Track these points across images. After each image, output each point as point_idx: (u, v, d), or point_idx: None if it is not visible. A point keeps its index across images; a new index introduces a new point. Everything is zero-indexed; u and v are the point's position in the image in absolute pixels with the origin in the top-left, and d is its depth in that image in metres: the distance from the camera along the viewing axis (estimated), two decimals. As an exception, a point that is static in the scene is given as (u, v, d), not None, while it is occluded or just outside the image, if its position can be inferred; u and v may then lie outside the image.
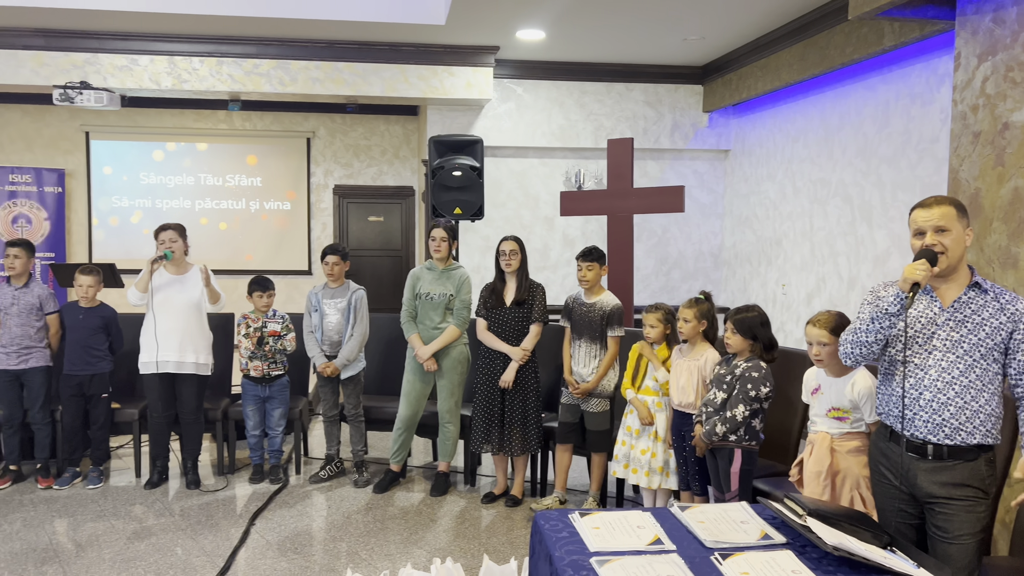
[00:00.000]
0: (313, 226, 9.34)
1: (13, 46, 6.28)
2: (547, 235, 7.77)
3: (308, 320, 5.11)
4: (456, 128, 7.40)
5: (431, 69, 6.82)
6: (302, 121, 9.35)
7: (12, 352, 4.86)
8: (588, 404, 4.45)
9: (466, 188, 6.69)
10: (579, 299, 4.55)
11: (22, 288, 4.93)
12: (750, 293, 7.43)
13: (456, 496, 4.89)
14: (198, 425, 5.00)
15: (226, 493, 4.89)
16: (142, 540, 4.14)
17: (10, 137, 9.08)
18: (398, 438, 4.94)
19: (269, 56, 6.62)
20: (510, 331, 4.64)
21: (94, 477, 5.00)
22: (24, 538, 4.14)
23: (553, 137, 7.59)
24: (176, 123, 9.21)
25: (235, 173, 9.28)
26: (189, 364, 4.84)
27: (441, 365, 4.82)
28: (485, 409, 4.68)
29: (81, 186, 9.16)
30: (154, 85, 6.52)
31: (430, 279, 4.86)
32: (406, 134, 9.46)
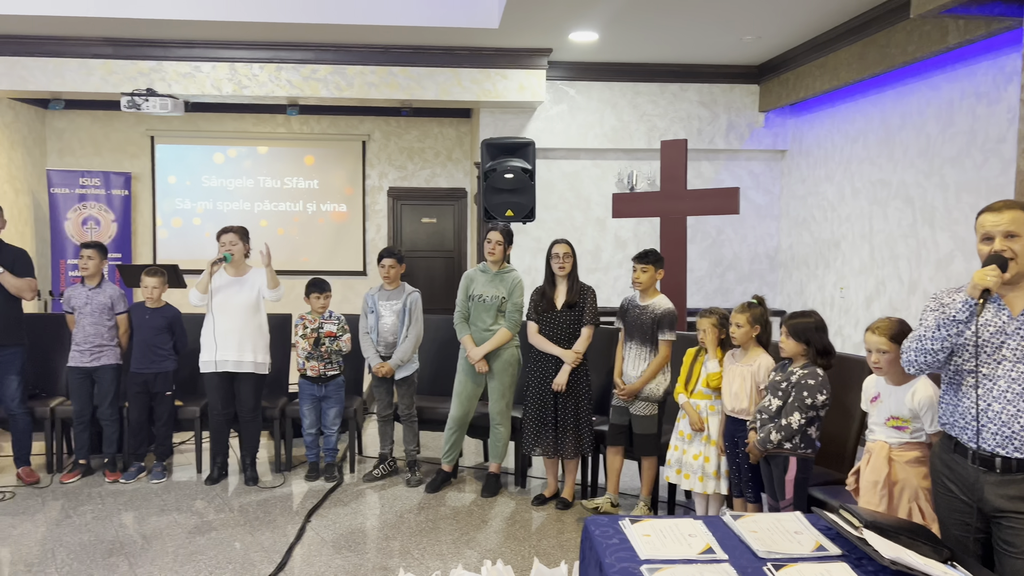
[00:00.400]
0: (368, 228, 9.48)
1: (84, 55, 6.53)
2: (599, 237, 7.75)
3: (364, 321, 5.20)
4: (508, 131, 7.44)
5: (484, 72, 6.87)
6: (358, 124, 9.50)
7: (85, 350, 5.06)
8: (635, 407, 4.43)
9: (518, 190, 6.72)
10: (633, 301, 4.54)
11: (95, 288, 5.12)
12: (807, 296, 7.30)
13: (507, 497, 4.92)
14: (256, 423, 5.13)
15: (283, 490, 5.01)
16: (203, 534, 4.26)
17: (81, 142, 9.43)
18: (449, 438, 4.99)
19: (326, 62, 6.75)
20: (561, 334, 4.64)
21: (158, 472, 5.17)
22: (93, 530, 4.31)
23: (605, 138, 7.57)
24: (236, 127, 9.44)
25: (293, 176, 9.47)
26: (247, 363, 4.97)
27: (492, 367, 4.86)
28: (537, 412, 4.69)
29: (146, 189, 9.46)
30: (216, 91, 6.70)
31: (483, 281, 4.91)
32: (459, 136, 9.54)
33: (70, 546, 4.09)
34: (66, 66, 6.52)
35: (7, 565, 3.86)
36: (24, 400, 5.10)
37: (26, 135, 8.96)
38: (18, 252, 5.10)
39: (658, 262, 4.48)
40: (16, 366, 5.04)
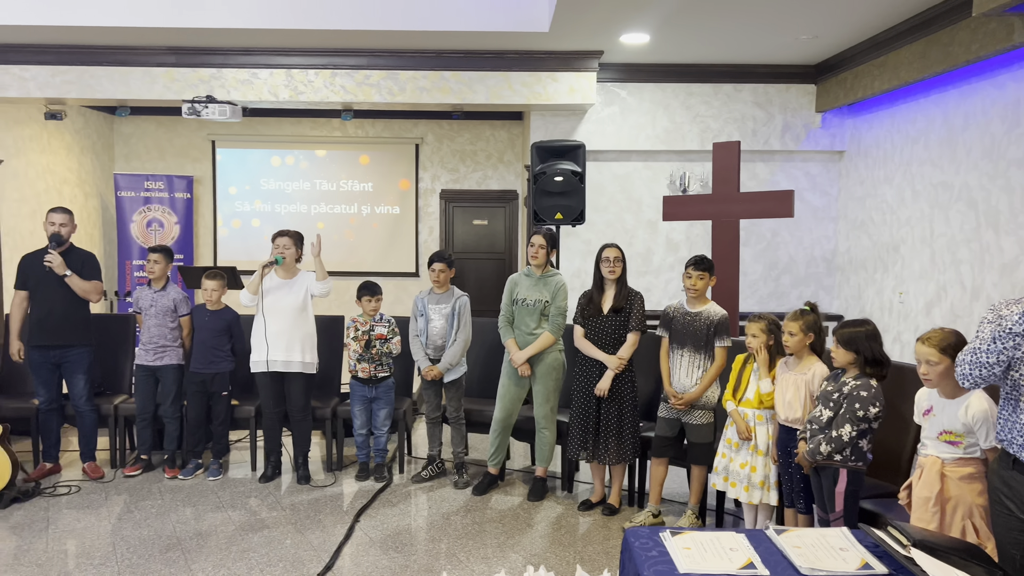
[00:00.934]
0: (420, 230, 9.58)
1: (147, 63, 6.75)
2: (650, 239, 7.68)
3: (414, 324, 5.27)
4: (559, 133, 7.43)
5: (534, 75, 6.87)
6: (411, 127, 9.60)
7: (150, 349, 5.24)
8: (691, 416, 4.39)
9: (567, 193, 6.71)
10: (682, 308, 4.49)
11: (160, 291, 5.30)
12: (864, 301, 7.12)
13: (553, 502, 4.93)
14: (306, 422, 5.24)
15: (334, 489, 5.10)
16: (255, 532, 4.38)
17: (146, 147, 9.75)
18: (494, 440, 5.02)
19: (379, 67, 6.84)
20: (607, 339, 4.63)
21: (214, 469, 5.32)
22: (152, 525, 4.46)
23: (657, 140, 7.50)
24: (294, 131, 9.64)
25: (348, 179, 9.63)
26: (296, 363, 5.08)
27: (535, 371, 4.87)
28: (581, 417, 4.69)
29: (208, 192, 9.73)
30: (273, 97, 6.85)
31: (527, 285, 4.92)
32: (511, 139, 9.56)
33: (130, 540, 4.24)
34: (131, 74, 6.75)
35: (72, 558, 4.02)
36: (90, 398, 5.30)
37: (95, 141, 9.31)
38: (86, 255, 5.31)
39: (711, 268, 4.43)
40: (83, 365, 5.24)
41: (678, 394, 4.38)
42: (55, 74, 6.70)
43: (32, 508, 4.71)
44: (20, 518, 4.55)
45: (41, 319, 5.14)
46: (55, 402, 5.28)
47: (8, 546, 4.16)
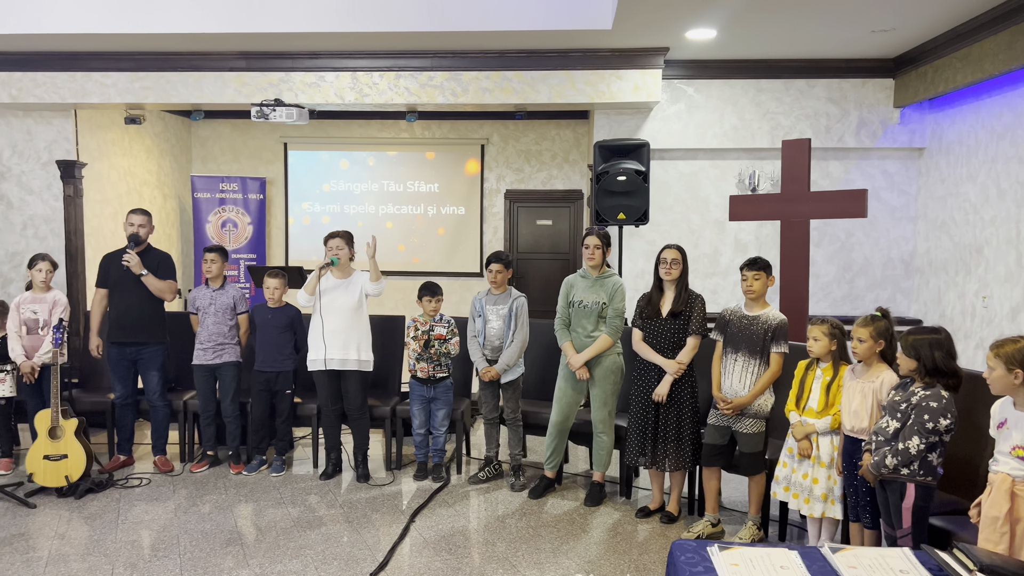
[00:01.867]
0: (485, 230, 9.59)
1: (220, 68, 6.94)
2: (717, 240, 7.49)
3: (472, 325, 5.26)
4: (624, 132, 7.32)
5: (598, 74, 6.78)
6: (477, 128, 9.62)
7: (208, 348, 5.38)
8: (741, 424, 4.25)
9: (631, 193, 6.61)
10: (739, 312, 4.35)
11: (218, 290, 5.44)
12: (945, 305, 6.77)
13: (610, 508, 4.85)
14: (364, 420, 5.29)
15: (392, 488, 5.14)
16: (312, 529, 4.44)
17: (221, 149, 10.05)
18: (550, 444, 4.97)
19: (442, 68, 6.86)
20: (666, 343, 4.52)
21: (277, 465, 5.42)
22: (214, 520, 4.57)
23: (725, 138, 7.31)
24: (363, 133, 9.79)
25: (414, 179, 9.72)
26: (352, 361, 5.14)
27: (593, 374, 4.79)
28: (639, 422, 4.59)
29: (279, 193, 9.97)
30: (339, 100, 6.95)
31: (583, 287, 4.85)
32: (576, 138, 9.48)
33: (193, 533, 4.36)
34: (204, 79, 6.95)
35: (138, 549, 4.16)
36: (163, 393, 5.48)
37: (174, 144, 9.65)
38: (162, 256, 5.49)
39: (768, 268, 4.28)
40: (157, 362, 5.42)
41: (727, 399, 4.25)
42: (134, 80, 6.96)
43: (105, 499, 4.89)
44: (94, 508, 4.74)
45: (119, 316, 5.34)
46: (130, 397, 5.48)
47: (81, 535, 4.33)
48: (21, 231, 7.60)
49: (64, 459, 4.91)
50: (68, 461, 4.91)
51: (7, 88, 6.98)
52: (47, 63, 6.92)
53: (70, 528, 4.43)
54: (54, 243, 7.57)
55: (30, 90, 6.98)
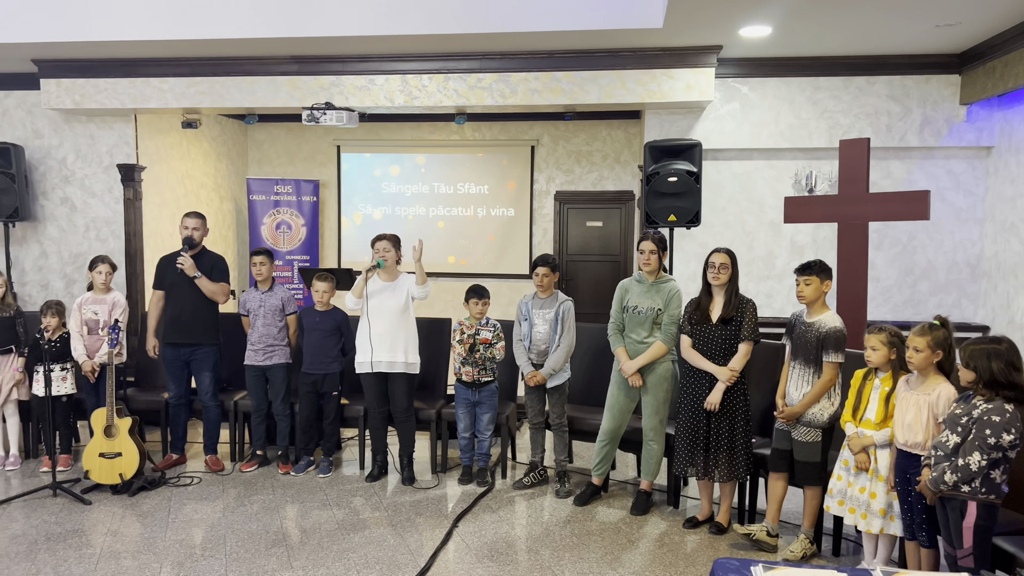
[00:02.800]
0: (535, 231, 9.54)
1: (272, 72, 7.04)
2: (772, 242, 7.29)
3: (518, 329, 5.21)
4: (676, 132, 7.18)
5: (649, 73, 6.67)
6: (527, 129, 9.58)
7: (259, 349, 5.44)
8: (796, 432, 4.11)
9: (682, 194, 6.48)
10: (801, 317, 4.21)
11: (267, 292, 5.50)
12: (1014, 310, 6.46)
13: (658, 517, 4.74)
14: (410, 423, 5.28)
15: (436, 492, 5.12)
16: (356, 532, 4.44)
17: (276, 152, 10.21)
18: (600, 451, 4.88)
19: (491, 70, 6.83)
20: (716, 349, 4.39)
21: (324, 466, 5.46)
22: (261, 520, 4.62)
23: (781, 137, 7.11)
24: (414, 135, 9.83)
25: (465, 181, 9.72)
26: (399, 364, 5.14)
27: (646, 381, 4.69)
28: (689, 431, 4.47)
29: (332, 195, 10.08)
30: (388, 103, 6.98)
31: (638, 292, 4.75)
32: (627, 138, 9.36)
33: (240, 534, 4.41)
34: (257, 83, 7.06)
35: (186, 548, 4.22)
36: (215, 394, 5.57)
37: (231, 147, 9.84)
38: (216, 258, 5.58)
39: (823, 272, 4.12)
40: (210, 363, 5.51)
41: (783, 407, 4.12)
42: (190, 85, 7.10)
43: (157, 497, 4.99)
44: (146, 506, 4.83)
45: (173, 318, 5.44)
46: (183, 397, 5.58)
47: (133, 533, 4.42)
48: (84, 233, 7.83)
49: (118, 457, 5.02)
50: (122, 459, 5.02)
51: (71, 94, 7.20)
52: (108, 69, 7.12)
53: (122, 525, 4.52)
54: (114, 245, 7.78)
55: (92, 96, 7.19)
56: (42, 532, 4.41)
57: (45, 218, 7.82)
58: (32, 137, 7.76)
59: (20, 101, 7.76)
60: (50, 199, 7.80)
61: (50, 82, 7.20)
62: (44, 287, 7.87)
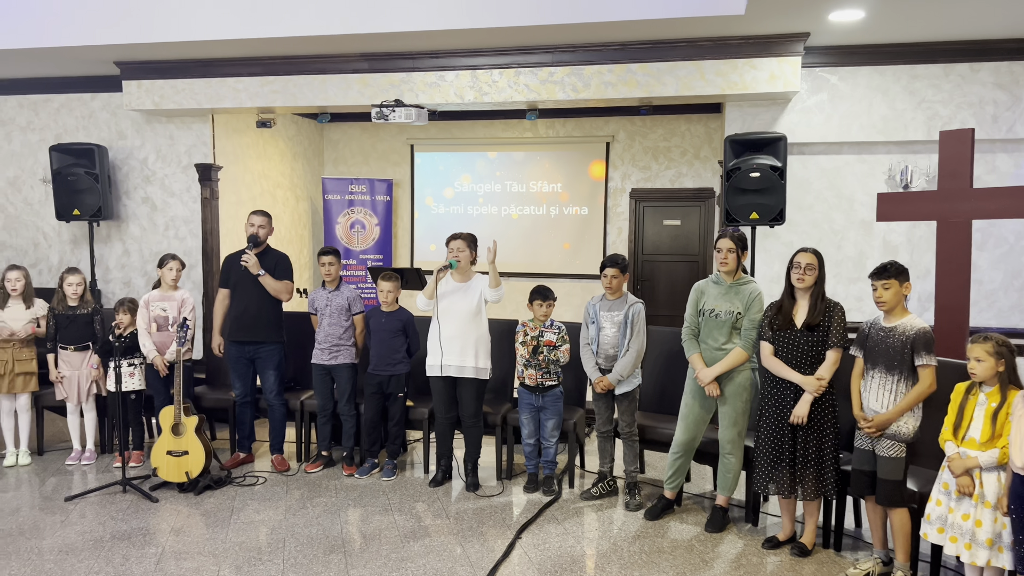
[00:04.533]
0: (609, 230, 9.26)
1: (343, 71, 6.99)
2: (863, 242, 6.83)
3: (585, 332, 4.99)
4: (758, 125, 6.80)
5: (730, 63, 6.32)
6: (602, 125, 9.32)
7: (325, 348, 5.38)
8: (879, 446, 3.76)
9: (765, 191, 6.12)
10: (877, 323, 3.86)
11: (334, 291, 5.44)
12: None
13: (734, 535, 4.43)
14: (477, 428, 5.12)
15: (500, 499, 4.94)
16: (417, 540, 4.30)
17: (351, 151, 10.25)
18: (673, 463, 4.61)
19: (563, 63, 6.62)
20: (801, 357, 4.06)
21: (388, 469, 5.35)
22: (321, 524, 4.53)
23: (874, 130, 6.65)
24: (487, 133, 9.70)
25: (538, 179, 9.53)
26: (469, 368, 4.97)
27: (724, 390, 4.39)
28: (772, 445, 4.15)
29: (405, 195, 10.05)
30: (458, 99, 6.85)
31: (716, 294, 4.45)
32: (708, 133, 8.99)
33: (299, 538, 4.32)
34: (329, 82, 7.03)
35: (245, 551, 4.16)
36: (280, 393, 5.54)
37: (306, 147, 9.91)
38: (280, 256, 5.55)
39: (901, 275, 3.77)
40: (274, 361, 5.49)
41: (867, 418, 3.78)
42: (263, 84, 7.13)
43: (221, 496, 4.97)
44: (210, 505, 4.82)
45: (238, 316, 5.44)
46: (249, 395, 5.57)
47: (195, 533, 4.39)
48: (163, 232, 7.98)
49: (185, 455, 5.02)
50: (189, 457, 5.02)
51: (151, 95, 7.34)
52: (186, 70, 7.21)
53: (186, 524, 4.51)
54: (192, 243, 7.90)
55: (171, 96, 7.30)
56: (109, 529, 4.43)
57: (127, 217, 8.00)
58: (116, 138, 7.95)
59: (105, 103, 7.97)
60: (132, 198, 7.98)
61: (131, 84, 7.35)
62: (126, 284, 8.06)
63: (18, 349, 5.49)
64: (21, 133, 8.12)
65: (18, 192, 8.17)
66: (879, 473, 3.77)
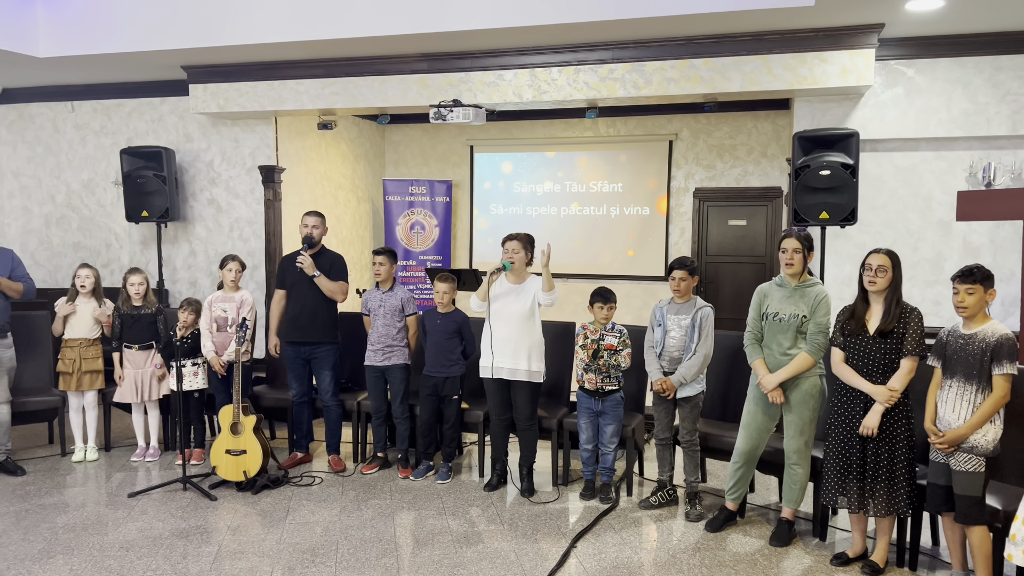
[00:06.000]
0: (671, 231, 9.06)
1: (402, 71, 6.99)
2: (942, 243, 6.49)
3: (650, 335, 4.84)
4: (829, 121, 6.53)
5: (799, 57, 6.07)
6: (665, 124, 9.12)
7: (378, 350, 5.36)
8: (955, 460, 3.52)
9: (835, 189, 5.86)
10: (956, 331, 3.62)
11: (387, 292, 5.41)
12: None
13: (800, 550, 4.22)
14: (532, 432, 5.02)
15: (556, 506, 4.83)
16: (470, 546, 4.22)
17: (412, 153, 10.28)
18: (734, 473, 4.42)
19: (624, 60, 6.47)
20: (873, 365, 3.84)
21: (443, 472, 5.30)
22: (375, 526, 4.49)
23: (954, 125, 6.30)
24: (546, 133, 9.60)
25: (598, 179, 9.39)
26: (521, 371, 4.88)
27: (789, 397, 4.19)
28: (841, 457, 3.94)
29: (465, 196, 10.02)
30: (517, 98, 6.76)
31: (780, 297, 4.26)
32: (776, 130, 8.70)
33: (353, 540, 4.29)
34: (388, 83, 7.04)
35: (298, 552, 4.15)
36: (335, 393, 5.54)
37: (368, 148, 9.98)
38: (335, 257, 5.56)
39: (987, 280, 3.53)
40: (329, 362, 5.49)
41: (939, 431, 3.54)
42: (324, 86, 7.18)
43: (278, 496, 4.99)
44: (266, 504, 4.84)
45: (294, 317, 5.46)
46: (306, 395, 5.59)
47: (250, 532, 4.41)
48: (228, 233, 8.12)
49: (243, 454, 5.06)
50: (246, 457, 5.06)
51: (216, 98, 7.46)
52: (249, 73, 7.32)
53: (242, 524, 4.53)
54: (255, 244, 8.02)
55: (234, 100, 7.41)
56: (168, 526, 4.48)
57: (194, 218, 8.17)
58: (183, 141, 8.12)
59: (174, 107, 8.15)
60: (198, 200, 8.15)
61: (197, 87, 7.49)
62: (192, 284, 8.23)
63: (85, 348, 5.63)
64: (95, 137, 8.38)
65: (92, 194, 8.42)
66: (955, 489, 3.54)
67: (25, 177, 8.59)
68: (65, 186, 8.48)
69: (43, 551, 4.14)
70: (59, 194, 8.50)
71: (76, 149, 8.44)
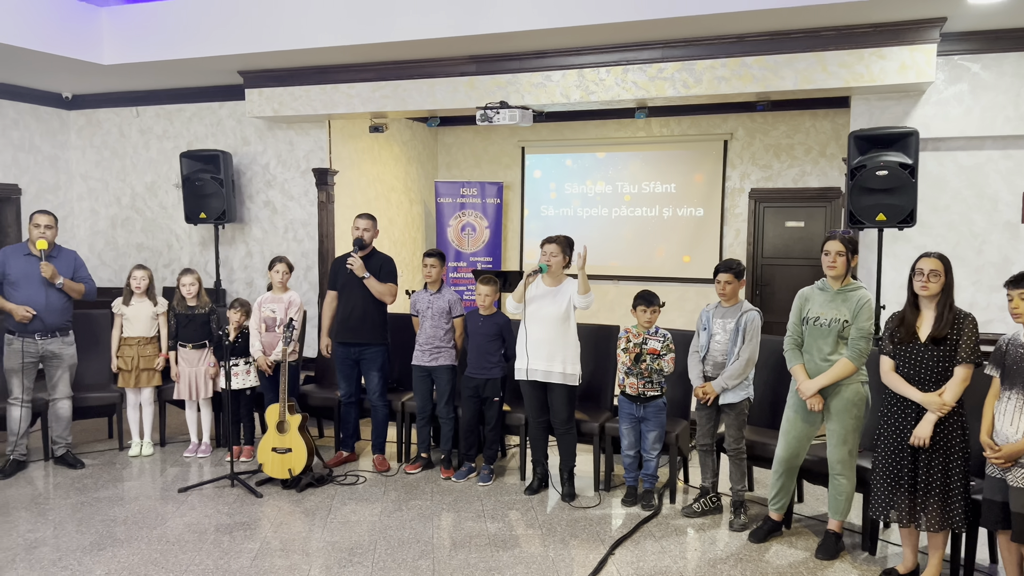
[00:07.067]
0: (726, 232, 8.88)
1: (451, 74, 7.02)
2: (1008, 246, 6.19)
3: (696, 339, 4.75)
4: (888, 119, 6.30)
5: (855, 53, 5.88)
6: (720, 123, 8.94)
7: (426, 350, 5.38)
8: (1012, 476, 3.34)
9: (894, 190, 5.65)
10: (1016, 339, 3.44)
11: (436, 294, 5.43)
12: None
13: (848, 564, 4.08)
14: (570, 435, 4.98)
15: (596, 512, 4.77)
16: (508, 550, 4.20)
17: (464, 155, 10.32)
18: (776, 482, 4.30)
19: (673, 59, 6.36)
20: (925, 373, 3.68)
21: (485, 475, 5.29)
22: (414, 527, 4.51)
23: (1022, 122, 6.01)
24: (598, 133, 9.52)
25: (651, 180, 9.27)
26: (556, 374, 4.85)
27: (829, 405, 4.05)
28: (890, 468, 3.79)
29: (516, 197, 10.01)
30: (564, 99, 6.72)
31: (821, 301, 4.12)
32: (835, 129, 8.45)
33: (391, 541, 4.32)
34: (437, 85, 7.08)
35: (336, 552, 4.19)
36: (383, 394, 5.59)
37: (420, 151, 10.06)
38: (384, 259, 5.61)
39: None
40: (378, 363, 5.54)
41: (995, 445, 3.36)
42: (375, 89, 7.26)
43: (321, 494, 5.05)
44: (310, 503, 4.91)
45: (344, 318, 5.53)
46: (354, 395, 5.65)
47: (292, 530, 4.48)
48: (283, 234, 8.28)
49: (288, 453, 5.14)
50: (292, 455, 5.14)
51: (271, 102, 7.62)
52: (302, 77, 7.45)
53: (285, 521, 4.60)
54: (309, 246, 8.16)
55: (288, 103, 7.56)
56: (213, 522, 4.58)
57: (250, 220, 8.36)
58: (240, 144, 8.32)
59: (231, 111, 8.35)
60: (255, 202, 8.33)
61: (253, 92, 7.66)
62: (248, 284, 8.42)
63: (143, 346, 5.80)
64: (158, 141, 8.64)
65: (154, 196, 8.69)
66: (1012, 506, 3.36)
67: (93, 180, 8.92)
68: (130, 189, 8.77)
69: (94, 543, 4.27)
70: (124, 196, 8.80)
71: (140, 153, 8.72)
